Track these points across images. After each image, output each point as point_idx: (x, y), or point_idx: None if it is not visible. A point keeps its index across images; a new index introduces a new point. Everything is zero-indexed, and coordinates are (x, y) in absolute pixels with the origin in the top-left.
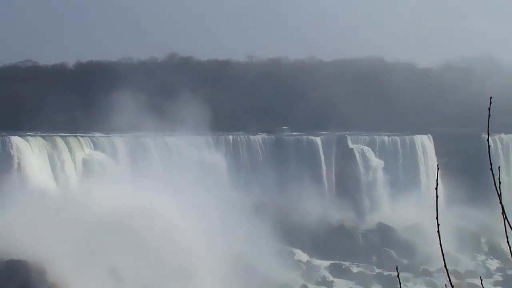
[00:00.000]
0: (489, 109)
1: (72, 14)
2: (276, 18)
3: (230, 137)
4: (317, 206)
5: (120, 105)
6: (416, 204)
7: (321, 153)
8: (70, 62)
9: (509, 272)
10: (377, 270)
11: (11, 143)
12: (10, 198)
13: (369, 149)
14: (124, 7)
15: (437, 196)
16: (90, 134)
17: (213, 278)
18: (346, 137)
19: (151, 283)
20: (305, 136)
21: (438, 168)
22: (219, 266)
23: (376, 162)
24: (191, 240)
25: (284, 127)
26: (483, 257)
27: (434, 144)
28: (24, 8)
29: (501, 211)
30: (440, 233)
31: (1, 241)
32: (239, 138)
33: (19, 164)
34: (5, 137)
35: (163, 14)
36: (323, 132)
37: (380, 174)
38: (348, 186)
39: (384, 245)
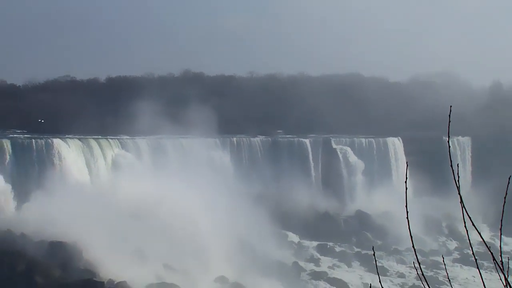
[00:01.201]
0: (449, 116)
1: (103, 37)
2: (272, 40)
3: (234, 139)
4: (306, 196)
5: (143, 112)
6: (388, 195)
7: (309, 152)
8: (102, 77)
9: (465, 251)
10: (356, 250)
11: (53, 144)
12: (52, 190)
13: (349, 149)
14: (147, 32)
15: (406, 188)
16: (118, 137)
17: (221, 255)
18: (330, 139)
19: (170, 261)
20: (296, 138)
21: (407, 165)
22: (226, 245)
23: (355, 160)
24: (203, 224)
25: (278, 131)
26: (444, 238)
27: (403, 145)
28: (64, 32)
29: (460, 201)
30: (408, 219)
31: (46, 226)
32: (241, 140)
33: (60, 161)
34: (48, 139)
35: (179, 37)
36: (311, 135)
37: (358, 170)
38: (332, 179)
39: (361, 228)
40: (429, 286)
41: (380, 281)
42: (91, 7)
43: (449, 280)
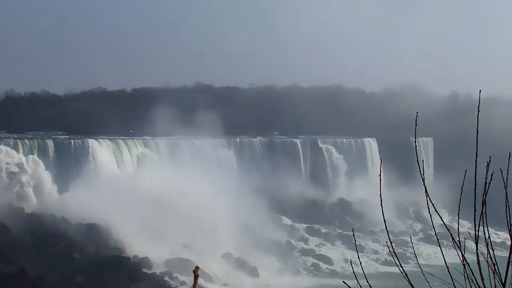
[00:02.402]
0: (415, 120)
1: (129, 54)
2: (270, 57)
3: (238, 139)
4: (297, 187)
5: (161, 117)
6: (365, 186)
7: (300, 151)
8: (128, 88)
9: (428, 232)
10: (338, 231)
11: (88, 144)
12: (88, 181)
13: (333, 147)
14: (166, 49)
15: (380, 180)
16: (141, 137)
17: (227, 235)
18: (317, 139)
19: (186, 239)
20: (289, 139)
21: (381, 161)
22: (231, 227)
23: (338, 156)
24: (212, 210)
25: (274, 133)
26: (411, 222)
27: (378, 144)
28: (96, 49)
29: (424, 190)
30: (382, 206)
31: (82, 211)
32: (243, 140)
33: (94, 158)
34: (84, 139)
35: (192, 54)
36: (301, 136)
37: (340, 165)
38: (318, 173)
39: (343, 213)
40: (399, 261)
41: (358, 257)
42: (118, 27)
43: (415, 256)
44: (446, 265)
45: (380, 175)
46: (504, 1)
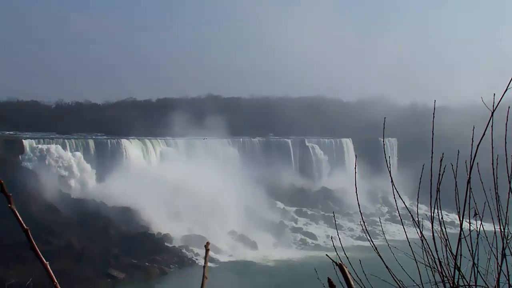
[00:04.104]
0: (383, 124)
1: (154, 70)
2: (267, 72)
3: (241, 139)
4: (288, 177)
5: (179, 121)
6: (343, 177)
7: (290, 148)
8: (153, 98)
9: (393, 213)
10: (322, 213)
11: (121, 143)
12: (121, 173)
13: (317, 146)
14: (184, 66)
15: (355, 172)
16: (163, 138)
17: (233, 216)
18: (304, 139)
19: (199, 218)
20: (282, 139)
21: (356, 157)
22: (236, 210)
23: (321, 153)
24: (220, 196)
25: (270, 134)
26: (379, 205)
27: (353, 143)
28: (128, 63)
29: (390, 180)
30: (357, 193)
31: (116, 196)
32: (245, 140)
33: (126, 154)
34: (118, 139)
35: (205, 70)
36: (292, 137)
37: (323, 160)
38: (305, 166)
39: (325, 199)
40: (369, 237)
41: (338, 234)
42: (145, 49)
43: (383, 233)
44: (408, 240)
45: (355, 168)
46: (452, 29)
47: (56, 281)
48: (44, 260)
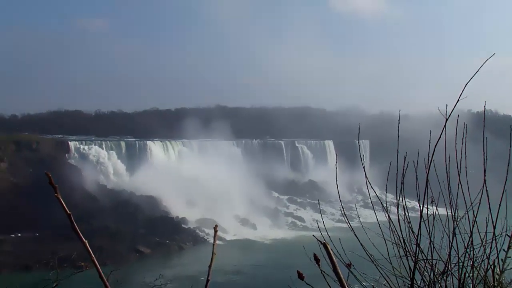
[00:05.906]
0: (358, 129)
1: (173, 85)
2: (264, 86)
3: (243, 141)
4: (282, 172)
5: (193, 127)
6: (326, 171)
7: (283, 148)
8: (172, 107)
9: (366, 201)
10: (309, 200)
11: (146, 144)
12: (146, 168)
13: (305, 146)
14: (197, 85)
15: (336, 168)
16: (181, 140)
17: (238, 204)
18: (295, 141)
19: (210, 206)
20: (276, 141)
21: (336, 156)
22: (239, 198)
23: (308, 152)
24: (226, 187)
25: (267, 137)
26: (355, 194)
27: (334, 144)
28: (153, 78)
29: (364, 174)
30: (337, 184)
31: (143, 187)
32: (247, 142)
33: (150, 153)
34: (144, 141)
35: (213, 86)
36: (284, 139)
37: (310, 158)
38: (296, 163)
39: (312, 189)
40: (347, 219)
41: (322, 217)
42: (164, 67)
43: (358, 216)
44: (378, 222)
45: (336, 164)
46: (409, 51)
47: (93, 255)
48: (83, 239)
